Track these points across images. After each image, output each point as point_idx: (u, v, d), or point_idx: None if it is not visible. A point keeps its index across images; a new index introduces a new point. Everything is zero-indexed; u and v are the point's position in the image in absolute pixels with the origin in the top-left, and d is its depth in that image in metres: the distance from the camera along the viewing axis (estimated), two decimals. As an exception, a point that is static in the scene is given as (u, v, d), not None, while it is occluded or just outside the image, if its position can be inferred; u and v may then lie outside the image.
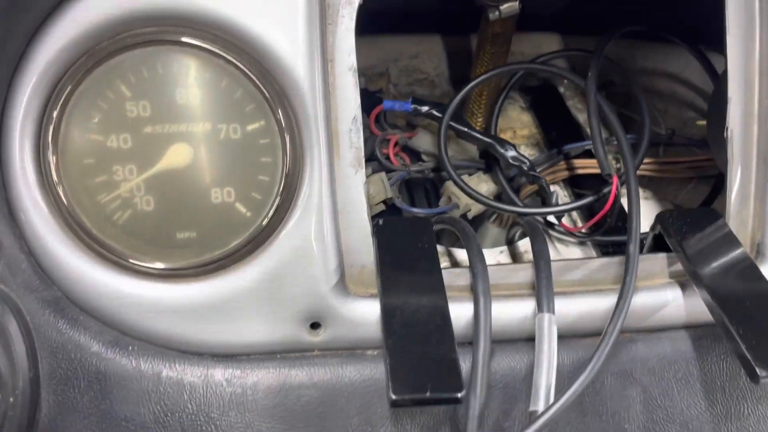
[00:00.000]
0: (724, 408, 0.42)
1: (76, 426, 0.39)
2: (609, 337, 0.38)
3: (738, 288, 0.40)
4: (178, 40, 0.40)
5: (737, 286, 0.40)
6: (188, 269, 0.41)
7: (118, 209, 0.41)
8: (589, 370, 0.37)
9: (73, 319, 0.40)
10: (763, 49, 0.42)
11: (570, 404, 0.40)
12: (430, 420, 0.40)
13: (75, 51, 0.39)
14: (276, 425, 0.40)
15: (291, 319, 0.41)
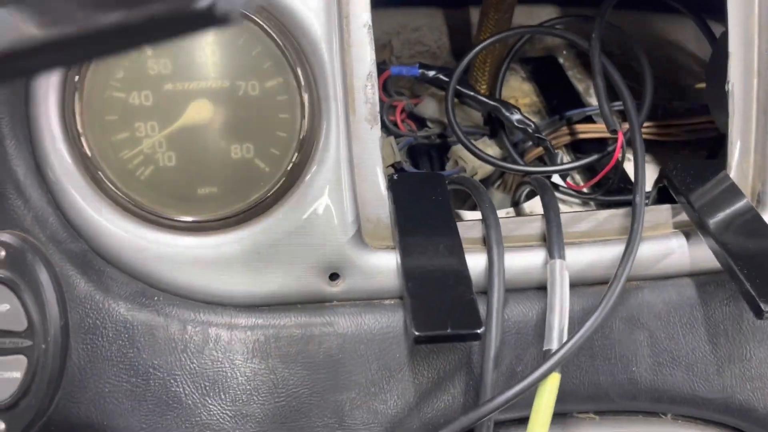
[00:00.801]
0: (727, 351, 0.43)
1: (105, 373, 0.40)
2: (618, 282, 0.40)
3: (742, 234, 0.41)
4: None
5: (741, 232, 0.42)
6: (210, 222, 0.42)
7: (140, 165, 0.42)
8: (599, 312, 0.39)
9: (100, 270, 0.41)
10: (762, 7, 0.44)
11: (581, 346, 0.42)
12: (446, 364, 0.42)
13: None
14: (299, 370, 0.41)
15: (311, 271, 0.42)
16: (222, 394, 0.41)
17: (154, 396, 0.40)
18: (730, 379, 0.43)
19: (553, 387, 0.37)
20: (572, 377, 0.43)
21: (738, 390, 0.43)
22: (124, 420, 0.40)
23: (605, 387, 0.43)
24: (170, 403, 0.40)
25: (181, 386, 0.40)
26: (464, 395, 0.42)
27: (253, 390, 0.41)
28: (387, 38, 0.77)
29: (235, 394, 0.41)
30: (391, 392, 0.42)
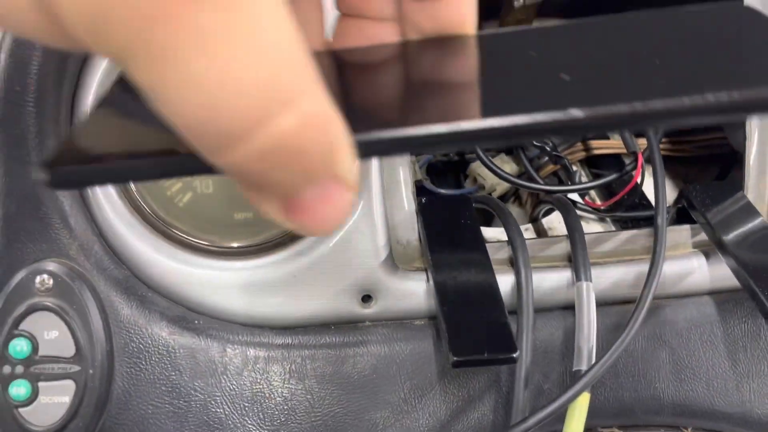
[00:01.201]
0: (746, 367, 0.45)
1: (149, 395, 0.41)
2: (644, 303, 0.41)
3: (759, 252, 0.43)
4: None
5: (758, 251, 0.43)
6: (247, 247, 0.43)
7: (179, 192, 0.43)
8: (627, 332, 0.40)
9: (142, 296, 0.42)
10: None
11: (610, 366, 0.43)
12: (476, 383, 0.43)
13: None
14: (334, 390, 0.42)
15: (344, 293, 0.43)
16: (261, 414, 0.42)
17: (196, 417, 0.42)
18: (749, 394, 0.45)
19: (583, 407, 0.39)
20: (598, 394, 0.44)
21: (756, 404, 0.45)
22: (167, 440, 0.41)
23: (629, 403, 0.44)
24: (211, 423, 0.42)
25: (221, 407, 0.42)
26: (494, 414, 0.43)
27: (290, 410, 0.42)
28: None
29: (273, 414, 0.42)
30: (423, 411, 0.43)
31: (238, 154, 0.17)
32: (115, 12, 0.15)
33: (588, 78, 0.23)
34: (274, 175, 0.17)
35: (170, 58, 0.15)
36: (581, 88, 0.23)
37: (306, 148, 0.17)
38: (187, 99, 0.16)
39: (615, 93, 0.22)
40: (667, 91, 0.21)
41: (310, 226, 0.19)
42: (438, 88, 0.24)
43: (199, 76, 0.15)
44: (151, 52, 0.15)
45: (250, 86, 0.16)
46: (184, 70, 0.15)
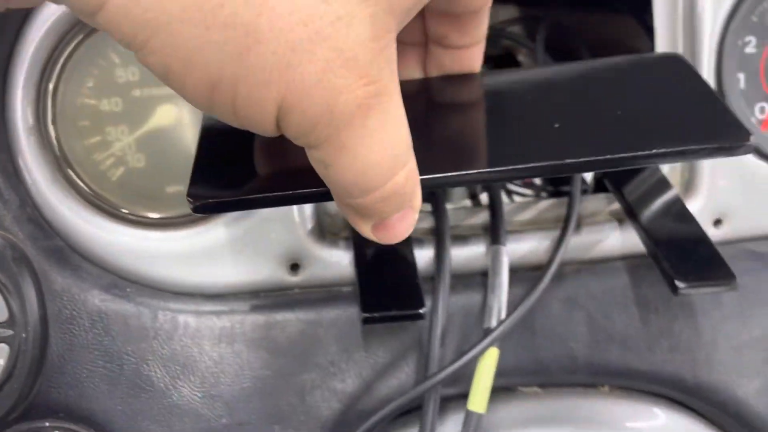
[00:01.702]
0: (657, 327, 0.47)
1: (83, 359, 0.43)
2: (552, 264, 0.43)
3: (667, 222, 0.45)
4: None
5: (666, 220, 0.46)
6: (178, 218, 0.45)
7: (112, 166, 0.45)
8: (536, 292, 0.42)
9: (75, 265, 0.44)
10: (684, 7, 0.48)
11: (521, 324, 0.45)
12: (399, 345, 0.45)
13: (68, 23, 0.43)
14: (263, 354, 0.45)
15: (272, 262, 0.45)
16: (191, 377, 0.44)
17: (128, 380, 0.43)
18: (660, 353, 0.47)
19: (491, 361, 0.41)
20: (515, 354, 0.46)
21: (668, 362, 0.47)
22: (100, 402, 0.43)
23: (546, 362, 0.47)
24: (143, 386, 0.44)
25: (153, 370, 0.44)
26: (416, 373, 0.45)
27: (220, 373, 0.44)
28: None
29: (204, 377, 0.44)
30: (349, 372, 0.45)
31: (368, 199, 0.27)
32: (319, 129, 0.25)
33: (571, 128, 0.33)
34: (381, 208, 0.28)
35: (347, 147, 0.25)
36: (569, 138, 0.32)
37: (406, 192, 0.28)
38: (349, 170, 0.26)
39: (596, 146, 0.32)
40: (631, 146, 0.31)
41: (389, 238, 0.30)
42: (464, 137, 0.34)
43: (361, 157, 0.26)
44: (334, 144, 0.25)
45: (389, 160, 0.26)
46: (352, 155, 0.26)
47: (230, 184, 0.32)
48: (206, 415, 0.44)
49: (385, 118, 0.25)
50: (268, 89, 0.23)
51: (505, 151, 0.32)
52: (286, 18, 0.22)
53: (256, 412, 0.44)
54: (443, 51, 0.37)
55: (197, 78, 0.23)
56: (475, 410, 0.41)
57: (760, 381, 0.48)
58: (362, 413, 0.45)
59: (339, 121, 0.24)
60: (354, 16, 0.23)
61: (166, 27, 0.22)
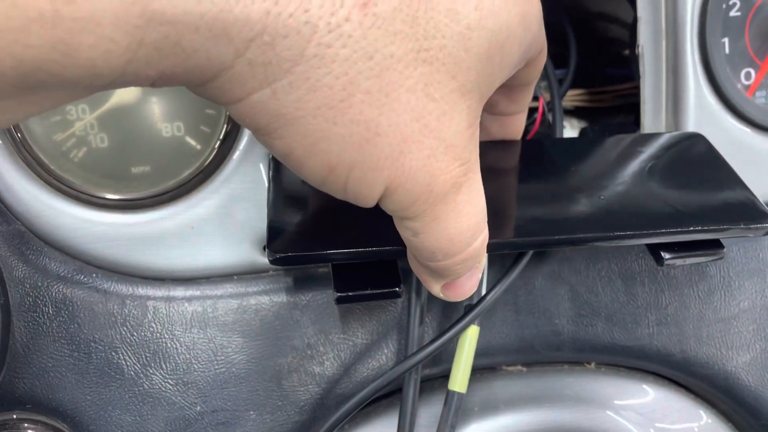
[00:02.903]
0: (644, 301, 0.46)
1: (48, 348, 0.41)
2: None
3: None
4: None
5: None
6: (144, 199, 0.43)
7: (73, 147, 0.43)
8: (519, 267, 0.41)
9: (38, 250, 0.42)
10: (667, -29, 0.46)
11: (503, 301, 0.44)
12: (378, 326, 0.44)
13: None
14: (236, 338, 0.43)
15: (245, 243, 0.44)
16: (163, 363, 0.42)
17: (97, 369, 0.42)
18: (647, 327, 0.46)
19: (472, 338, 0.40)
20: (498, 332, 0.45)
21: (655, 337, 0.46)
22: (68, 392, 0.42)
23: (530, 339, 0.45)
24: (113, 374, 0.42)
25: (123, 358, 0.42)
26: (396, 354, 0.44)
27: (192, 359, 0.43)
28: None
29: (176, 363, 0.42)
30: (327, 354, 0.44)
31: (449, 263, 0.32)
32: (418, 204, 0.29)
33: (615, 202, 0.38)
34: (458, 270, 0.33)
35: (439, 219, 0.29)
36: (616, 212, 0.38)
37: (479, 254, 0.33)
38: (439, 238, 0.30)
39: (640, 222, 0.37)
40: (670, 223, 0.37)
41: (456, 296, 0.35)
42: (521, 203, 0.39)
43: (451, 227, 0.30)
44: (429, 216, 0.29)
45: (472, 227, 0.31)
46: (443, 225, 0.30)
47: (306, 236, 0.36)
48: (179, 402, 0.42)
49: (471, 192, 0.30)
50: (380, 173, 0.27)
51: (560, 220, 0.37)
52: (402, 115, 0.26)
53: (231, 398, 0.43)
54: (491, 118, 0.41)
55: (317, 162, 0.26)
56: (456, 390, 0.39)
57: (749, 354, 0.47)
58: (341, 396, 0.43)
59: (436, 197, 0.28)
60: (455, 111, 0.27)
61: (299, 120, 0.25)
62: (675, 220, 0.37)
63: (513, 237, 0.36)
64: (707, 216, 0.37)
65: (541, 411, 0.45)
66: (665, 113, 0.48)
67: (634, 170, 0.41)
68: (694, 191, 0.39)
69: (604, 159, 0.42)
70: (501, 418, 0.45)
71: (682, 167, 0.41)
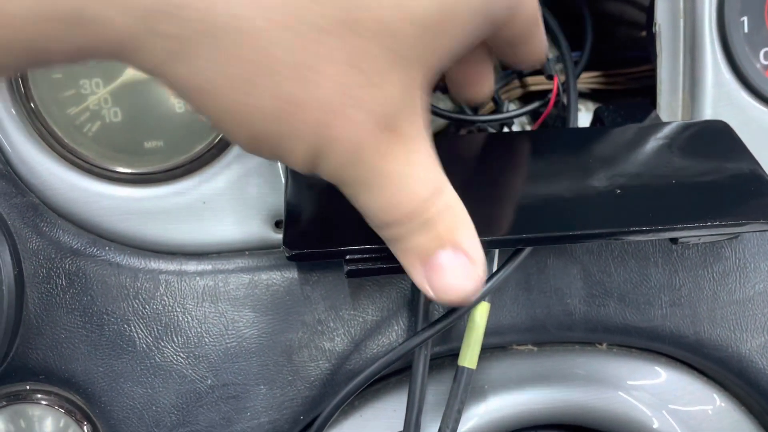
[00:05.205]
0: (657, 281, 0.45)
1: (61, 320, 0.42)
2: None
3: None
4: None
5: None
6: (157, 173, 0.43)
7: (87, 121, 0.43)
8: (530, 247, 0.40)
9: (51, 223, 0.42)
10: (685, -52, 0.45)
11: (514, 279, 0.44)
12: (389, 302, 0.44)
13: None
14: (247, 313, 0.43)
15: (256, 218, 0.44)
16: (174, 337, 0.43)
17: (109, 341, 0.42)
18: (660, 308, 0.45)
19: (482, 314, 0.39)
20: (510, 311, 0.45)
21: (668, 318, 0.45)
22: (81, 364, 0.42)
23: (542, 319, 0.45)
24: (125, 347, 0.42)
25: (135, 331, 0.42)
26: (407, 331, 0.44)
27: (204, 332, 0.43)
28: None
29: (187, 337, 0.43)
30: (338, 330, 0.44)
31: (395, 230, 0.31)
32: (348, 171, 0.28)
33: (631, 196, 0.37)
34: (414, 240, 0.30)
35: (372, 186, 0.29)
36: (632, 206, 0.37)
37: (436, 223, 0.30)
38: (373, 203, 0.30)
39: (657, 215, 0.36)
40: (690, 217, 0.36)
41: (442, 286, 0.30)
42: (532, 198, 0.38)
43: (384, 196, 0.29)
44: (360, 184, 0.29)
45: (409, 197, 0.29)
46: (377, 194, 0.29)
47: (323, 231, 0.36)
48: (190, 376, 0.43)
49: (408, 162, 0.29)
50: (306, 143, 0.27)
51: (574, 214, 0.37)
52: (326, 88, 0.25)
53: (241, 372, 0.43)
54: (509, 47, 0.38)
55: (243, 133, 0.27)
56: (466, 365, 0.39)
57: (764, 337, 0.46)
58: (351, 372, 0.43)
59: (364, 166, 0.28)
60: (387, 82, 0.26)
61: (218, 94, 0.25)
62: (694, 214, 0.36)
63: (525, 233, 0.35)
64: (727, 210, 0.36)
65: (552, 390, 0.45)
66: (682, 93, 0.47)
67: (652, 162, 0.40)
68: (715, 183, 0.38)
69: (620, 150, 0.41)
70: (511, 397, 0.45)
71: (702, 158, 0.40)
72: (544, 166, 0.40)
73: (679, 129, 0.43)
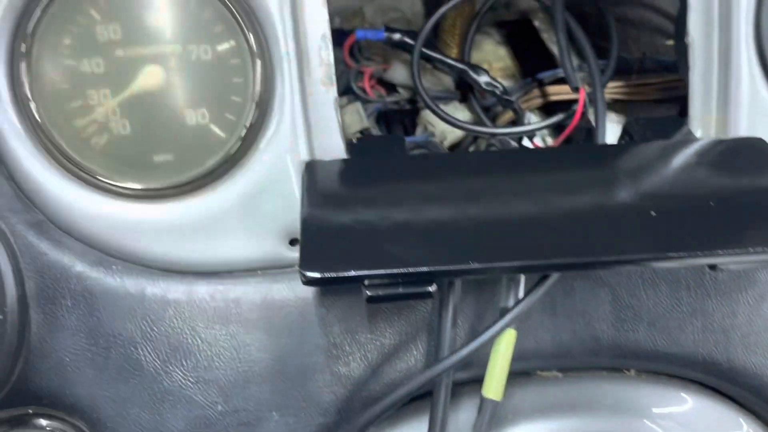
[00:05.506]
0: (689, 306, 0.43)
1: (66, 342, 0.40)
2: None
3: None
4: (146, -38, 0.40)
5: None
6: (167, 189, 0.41)
7: (94, 133, 0.41)
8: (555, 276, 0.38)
9: (57, 240, 0.41)
10: (722, -44, 0.43)
11: (540, 304, 0.42)
12: (407, 326, 0.42)
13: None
14: (260, 336, 0.41)
15: (270, 236, 0.42)
16: (184, 360, 0.41)
17: (116, 364, 0.40)
18: (693, 334, 0.43)
19: (508, 343, 0.37)
20: (534, 336, 0.43)
21: (701, 344, 0.43)
22: (86, 388, 0.40)
23: (567, 344, 0.43)
24: (132, 370, 0.40)
25: (142, 353, 0.41)
26: (426, 356, 0.42)
27: (214, 356, 0.41)
28: (359, 5, 0.76)
29: (197, 361, 0.41)
30: (354, 355, 0.42)
31: None
32: None
33: (667, 219, 0.36)
34: None
35: None
36: (668, 229, 0.35)
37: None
38: None
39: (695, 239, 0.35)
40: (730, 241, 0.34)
41: None
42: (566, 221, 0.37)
43: None
44: None
45: None
46: None
47: (341, 253, 0.34)
48: (200, 401, 0.41)
49: None
50: None
51: (609, 238, 0.35)
52: None
53: (253, 398, 0.41)
54: None
55: None
56: (491, 397, 0.37)
57: (800, 364, 0.44)
58: (368, 399, 0.41)
59: None
60: None
61: None
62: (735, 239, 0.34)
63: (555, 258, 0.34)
64: None
65: (577, 419, 0.43)
66: (715, 106, 0.45)
67: (687, 181, 0.38)
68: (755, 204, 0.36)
69: (653, 168, 0.39)
70: (536, 427, 0.42)
71: (740, 177, 0.38)
72: (574, 186, 0.38)
73: (713, 146, 0.41)
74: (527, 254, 0.34)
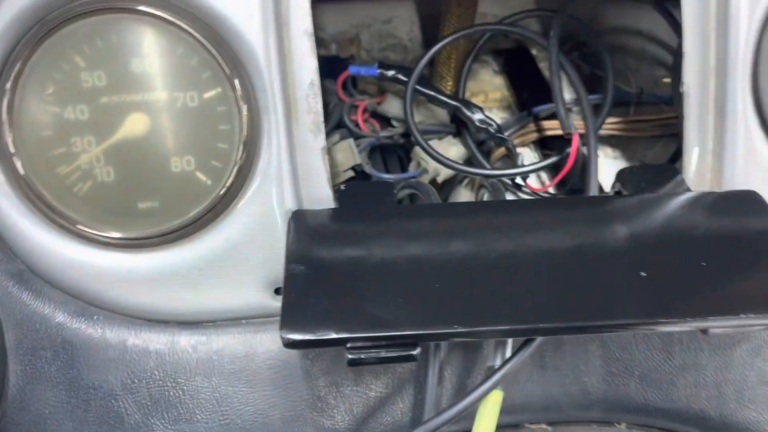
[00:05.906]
0: (681, 360, 0.43)
1: (45, 395, 0.39)
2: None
3: None
4: (133, 8, 0.39)
5: None
6: (150, 238, 0.41)
7: (78, 181, 0.41)
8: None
9: (37, 291, 0.40)
10: (718, 4, 0.42)
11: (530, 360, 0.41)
12: (393, 379, 0.41)
13: (25, 21, 0.38)
14: (242, 388, 0.41)
15: (255, 285, 0.41)
16: (165, 413, 0.40)
17: (96, 416, 0.40)
18: (685, 389, 0.43)
19: (494, 405, 0.37)
20: (523, 389, 0.42)
21: (692, 399, 0.43)
22: (65, 441, 0.40)
23: (557, 398, 0.42)
24: (112, 423, 0.40)
25: (123, 406, 0.40)
26: (412, 411, 0.41)
27: (196, 408, 0.40)
28: (355, 31, 0.75)
29: (179, 413, 0.40)
30: (338, 408, 0.41)
31: None
32: None
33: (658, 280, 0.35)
34: None
35: None
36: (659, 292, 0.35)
37: None
38: None
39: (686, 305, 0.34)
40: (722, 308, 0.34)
41: None
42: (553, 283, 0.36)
43: None
44: None
45: None
46: None
47: (324, 313, 0.34)
48: (181, 455, 0.40)
49: None
50: None
51: (596, 302, 0.34)
52: None
53: (235, 451, 0.40)
54: None
55: None
56: (476, 459, 0.36)
57: (795, 417, 0.43)
58: (352, 454, 0.41)
59: None
60: None
61: None
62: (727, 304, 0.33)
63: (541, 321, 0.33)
64: (763, 301, 0.34)
65: (566, 475, 0.43)
66: (711, 157, 0.44)
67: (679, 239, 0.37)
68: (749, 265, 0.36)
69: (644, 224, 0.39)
70: (523, 485, 0.42)
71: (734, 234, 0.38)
72: (563, 244, 0.37)
73: (707, 200, 0.40)
74: (514, 318, 0.33)
